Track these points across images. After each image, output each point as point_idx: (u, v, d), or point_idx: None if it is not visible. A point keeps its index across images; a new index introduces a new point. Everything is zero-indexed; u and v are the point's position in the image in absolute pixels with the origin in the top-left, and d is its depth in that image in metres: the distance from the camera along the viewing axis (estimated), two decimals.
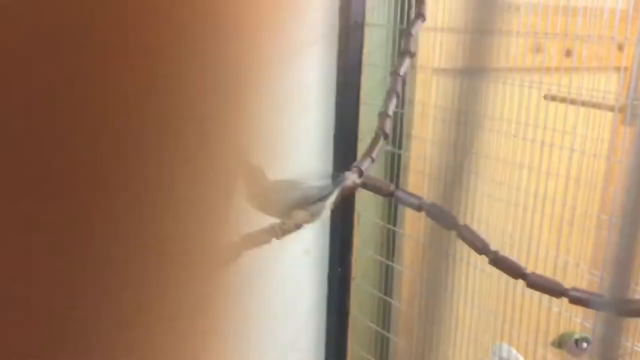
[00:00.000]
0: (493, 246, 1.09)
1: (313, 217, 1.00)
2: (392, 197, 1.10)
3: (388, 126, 1.16)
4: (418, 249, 1.66)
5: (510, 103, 1.43)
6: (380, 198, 1.54)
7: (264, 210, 1.02)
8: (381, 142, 1.14)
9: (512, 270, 1.07)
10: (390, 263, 1.67)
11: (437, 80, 1.56)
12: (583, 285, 1.21)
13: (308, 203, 0.99)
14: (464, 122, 1.33)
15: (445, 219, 1.09)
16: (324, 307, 1.74)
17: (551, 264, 1.34)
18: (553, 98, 1.35)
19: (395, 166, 1.62)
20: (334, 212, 1.66)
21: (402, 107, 1.59)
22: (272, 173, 1.54)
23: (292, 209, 0.99)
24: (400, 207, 1.65)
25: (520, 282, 1.09)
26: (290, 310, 1.69)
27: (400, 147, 1.59)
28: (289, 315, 1.69)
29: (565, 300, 1.05)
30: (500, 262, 1.07)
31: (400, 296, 1.72)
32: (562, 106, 1.36)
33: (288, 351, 1.71)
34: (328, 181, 1.04)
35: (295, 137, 1.57)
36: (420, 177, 1.61)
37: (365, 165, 1.10)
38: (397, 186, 1.61)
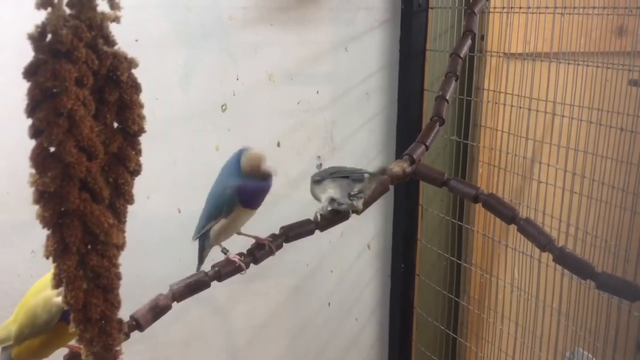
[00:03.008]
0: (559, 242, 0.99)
1: (342, 191, 0.95)
2: (447, 187, 1.02)
3: (445, 111, 1.08)
4: (488, 246, 1.56)
5: (591, 89, 1.31)
6: (447, 190, 1.47)
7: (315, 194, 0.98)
8: (437, 128, 1.07)
9: (580, 269, 0.96)
10: (457, 261, 1.59)
11: (509, 65, 1.46)
12: None
13: (337, 176, 0.95)
14: (536, 109, 1.22)
15: (504, 211, 1.00)
16: (387, 304, 1.68)
17: (632, 264, 1.21)
18: (635, 83, 1.22)
19: (460, 157, 1.53)
20: (397, 205, 1.60)
21: (470, 95, 1.50)
22: (331, 162, 1.51)
23: (322, 181, 0.95)
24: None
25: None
26: (352, 305, 1.64)
27: (467, 137, 1.51)
28: (351, 309, 1.64)
29: None
30: (566, 260, 0.97)
31: (468, 295, 1.63)
32: None
33: (350, 346, 1.66)
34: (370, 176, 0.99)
35: (356, 125, 1.52)
36: (489, 169, 1.52)
37: (418, 153, 1.03)
38: (464, 179, 1.53)
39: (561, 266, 0.99)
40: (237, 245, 0.96)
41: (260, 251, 0.92)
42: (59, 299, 0.80)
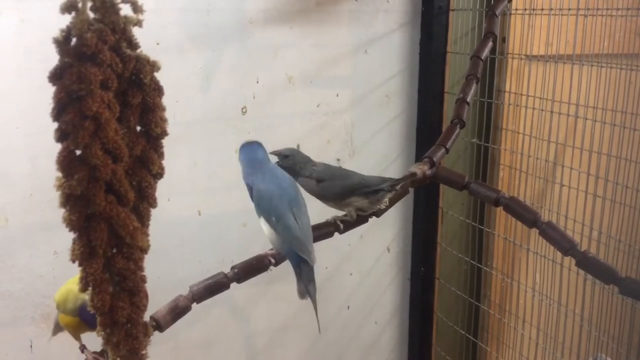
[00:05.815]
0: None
1: (371, 204, 0.95)
2: (467, 190, 1.01)
3: (465, 114, 1.07)
4: (508, 250, 1.55)
5: (615, 91, 1.30)
6: (467, 194, 1.46)
7: (321, 197, 0.98)
8: (457, 131, 1.06)
9: (603, 273, 0.95)
10: (478, 264, 1.57)
11: (531, 67, 1.45)
12: None
13: (367, 190, 0.94)
14: (559, 112, 1.20)
15: (525, 215, 0.99)
16: (407, 307, 1.67)
17: None
18: None
19: (481, 160, 1.52)
20: (417, 208, 1.59)
21: (491, 97, 1.49)
22: (351, 164, 1.50)
23: (350, 195, 0.94)
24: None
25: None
26: (371, 308, 1.64)
27: (488, 140, 1.49)
28: (371, 313, 1.64)
29: None
30: (589, 264, 0.95)
31: (489, 299, 1.62)
32: None
33: (369, 349, 1.66)
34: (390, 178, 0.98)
35: (376, 128, 1.52)
36: (510, 172, 1.51)
37: (438, 155, 1.02)
38: (484, 182, 1.51)
39: (584, 271, 0.97)
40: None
41: None
42: (85, 296, 0.83)
